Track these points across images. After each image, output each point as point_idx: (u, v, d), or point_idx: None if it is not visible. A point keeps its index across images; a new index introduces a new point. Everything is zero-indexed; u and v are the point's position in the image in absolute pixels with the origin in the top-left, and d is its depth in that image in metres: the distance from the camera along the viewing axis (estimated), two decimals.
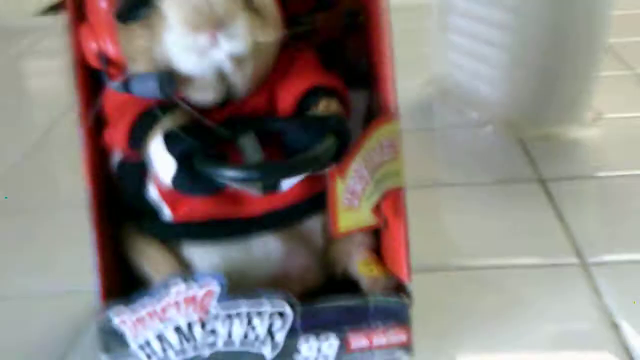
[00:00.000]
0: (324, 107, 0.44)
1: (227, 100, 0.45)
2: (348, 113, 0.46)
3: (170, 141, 0.42)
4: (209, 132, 0.43)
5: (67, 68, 0.45)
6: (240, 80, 0.44)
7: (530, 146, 0.72)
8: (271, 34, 0.44)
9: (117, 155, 0.46)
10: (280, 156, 0.43)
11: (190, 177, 0.42)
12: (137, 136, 0.43)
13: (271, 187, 0.42)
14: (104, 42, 0.44)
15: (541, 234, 0.58)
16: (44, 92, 1.05)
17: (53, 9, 1.67)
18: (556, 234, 0.58)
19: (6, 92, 1.04)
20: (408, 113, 0.44)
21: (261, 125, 0.45)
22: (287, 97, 0.45)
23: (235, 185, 0.42)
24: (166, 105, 0.43)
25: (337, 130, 0.43)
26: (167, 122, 0.43)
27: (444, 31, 0.81)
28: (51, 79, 1.08)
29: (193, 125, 0.43)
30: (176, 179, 0.42)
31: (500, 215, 0.62)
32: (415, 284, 0.44)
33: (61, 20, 0.45)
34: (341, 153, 0.43)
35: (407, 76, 0.46)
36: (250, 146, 0.44)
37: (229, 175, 0.41)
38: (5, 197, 0.77)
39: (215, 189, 0.43)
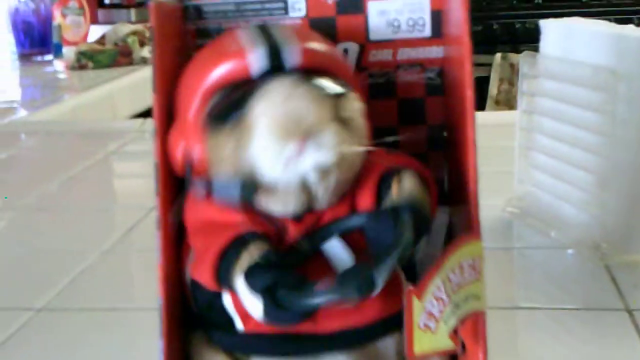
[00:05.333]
0: (396, 185, 0.43)
1: (308, 212, 0.44)
2: (432, 190, 0.45)
3: (251, 278, 0.41)
4: (289, 251, 0.43)
5: (151, 171, 0.46)
6: (323, 192, 0.43)
7: (616, 273, 0.69)
8: (358, 147, 0.43)
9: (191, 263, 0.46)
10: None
11: (279, 310, 0.40)
12: (223, 279, 0.43)
13: (366, 291, 0.40)
14: (191, 145, 0.44)
15: None
16: (128, 194, 1.07)
17: (144, 114, 1.73)
18: None
19: (92, 192, 1.06)
20: (487, 232, 0.43)
21: (339, 227, 0.44)
22: (365, 196, 0.45)
23: (330, 302, 0.40)
24: (250, 234, 0.42)
25: (410, 209, 0.41)
26: (247, 257, 0.42)
27: (528, 150, 0.80)
28: (136, 181, 1.11)
29: (270, 253, 0.42)
30: (267, 315, 0.41)
31: (582, 345, 0.58)
32: None
33: (150, 124, 0.46)
34: (421, 232, 0.42)
35: (488, 194, 0.45)
36: (337, 252, 0.43)
37: (318, 294, 0.39)
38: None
39: (309, 313, 0.41)
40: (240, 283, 0.41)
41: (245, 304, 0.42)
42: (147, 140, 1.22)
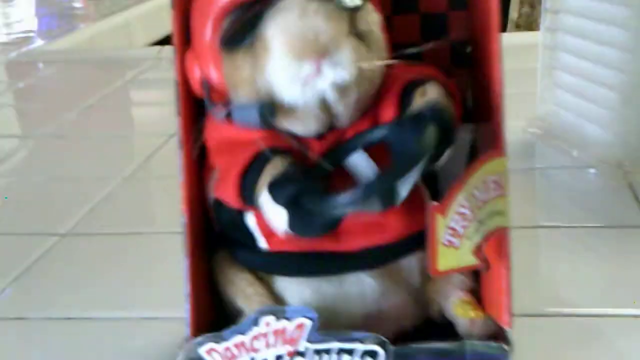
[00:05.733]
0: (420, 96, 0.42)
1: (330, 130, 0.44)
2: (457, 101, 0.44)
3: (275, 191, 0.41)
4: (312, 167, 0.42)
5: (170, 99, 0.45)
6: (344, 110, 0.43)
7: (639, 191, 0.68)
8: (376, 62, 0.42)
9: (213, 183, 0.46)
10: None
11: (304, 220, 0.40)
12: (247, 195, 0.43)
13: (389, 200, 0.39)
14: (208, 69, 0.44)
15: None
16: (146, 121, 1.07)
17: (161, 42, 1.72)
18: None
19: (110, 120, 1.06)
20: (510, 152, 0.42)
21: (362, 141, 0.43)
22: (387, 109, 0.44)
23: (354, 211, 0.40)
24: (272, 149, 0.42)
25: (435, 117, 0.40)
26: (270, 172, 0.42)
27: (551, 69, 0.79)
28: (154, 108, 1.11)
29: (293, 166, 0.42)
30: (291, 226, 0.40)
31: (603, 263, 0.58)
32: (512, 330, 0.42)
33: (167, 52, 0.46)
34: (445, 138, 0.41)
35: (510, 115, 0.44)
36: (361, 164, 0.42)
37: (343, 203, 0.39)
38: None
39: (334, 224, 0.41)
40: (264, 197, 0.41)
41: (270, 218, 0.42)
42: (165, 68, 1.22)
